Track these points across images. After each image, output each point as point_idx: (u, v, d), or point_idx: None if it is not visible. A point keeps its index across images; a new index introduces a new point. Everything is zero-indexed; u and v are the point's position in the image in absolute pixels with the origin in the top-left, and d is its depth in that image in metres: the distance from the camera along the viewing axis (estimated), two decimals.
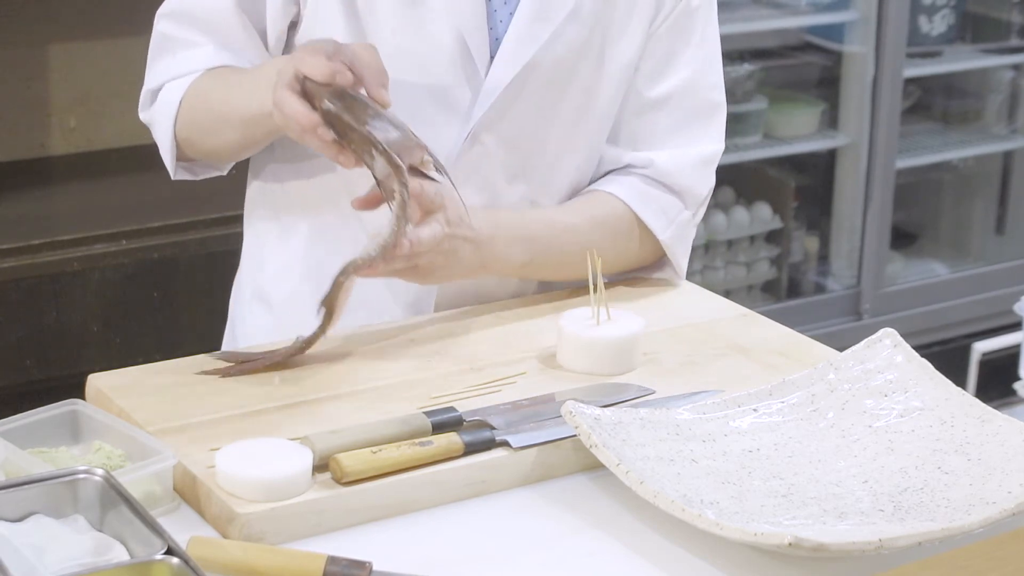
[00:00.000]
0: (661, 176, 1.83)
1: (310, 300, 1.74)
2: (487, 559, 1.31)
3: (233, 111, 1.71)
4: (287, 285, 1.82)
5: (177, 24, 1.77)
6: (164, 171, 1.82)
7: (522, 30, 1.71)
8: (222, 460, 1.34)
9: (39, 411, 1.41)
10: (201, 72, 1.75)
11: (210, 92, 1.74)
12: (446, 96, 1.72)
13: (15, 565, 1.18)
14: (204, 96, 1.74)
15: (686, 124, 1.83)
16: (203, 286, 2.85)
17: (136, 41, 3.22)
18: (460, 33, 1.69)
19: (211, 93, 1.74)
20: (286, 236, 1.82)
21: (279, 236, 1.83)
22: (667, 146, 1.82)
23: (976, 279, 4.21)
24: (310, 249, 1.80)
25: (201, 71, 1.75)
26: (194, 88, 1.75)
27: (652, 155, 1.82)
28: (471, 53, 1.70)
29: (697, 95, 1.83)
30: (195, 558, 1.20)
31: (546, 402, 1.51)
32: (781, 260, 4.06)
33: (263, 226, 1.85)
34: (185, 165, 1.82)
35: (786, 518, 1.33)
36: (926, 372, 1.53)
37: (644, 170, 1.82)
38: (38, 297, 2.71)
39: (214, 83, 1.74)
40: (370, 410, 1.50)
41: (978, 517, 1.30)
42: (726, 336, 1.73)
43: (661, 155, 1.82)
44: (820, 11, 3.98)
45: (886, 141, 3.93)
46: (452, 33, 1.69)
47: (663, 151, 1.82)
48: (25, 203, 2.91)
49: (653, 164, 1.82)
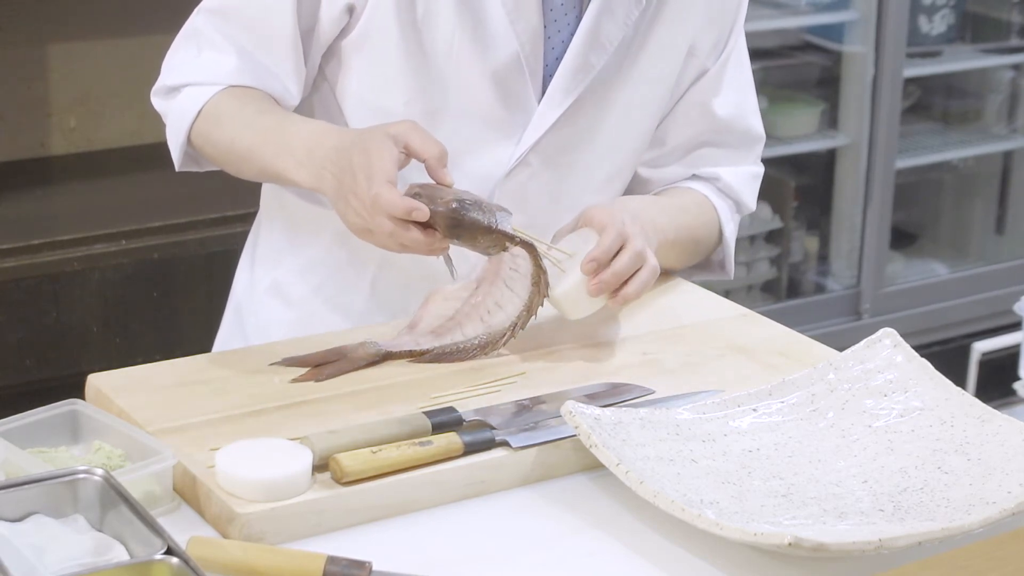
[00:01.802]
0: (726, 188, 1.90)
1: (332, 299, 1.76)
2: (487, 559, 1.31)
3: (253, 157, 1.68)
4: (308, 283, 1.83)
5: (215, 22, 1.73)
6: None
7: (578, 59, 1.73)
8: (222, 460, 1.34)
9: (39, 411, 1.41)
10: (223, 88, 1.72)
11: (231, 123, 1.71)
12: (498, 119, 1.73)
13: (15, 565, 1.18)
14: (225, 124, 1.71)
15: (736, 151, 1.90)
16: (203, 286, 2.85)
17: (136, 41, 3.24)
18: (519, 57, 1.71)
19: (232, 125, 1.70)
20: (309, 234, 1.82)
21: (301, 233, 1.83)
22: (721, 167, 1.90)
23: (976, 279, 4.21)
24: (333, 248, 1.80)
25: (223, 85, 1.72)
26: (215, 109, 1.72)
27: (717, 170, 1.90)
28: (526, 78, 1.72)
29: (744, 121, 1.90)
30: (195, 558, 1.20)
31: (546, 402, 1.51)
32: (781, 260, 4.06)
33: (283, 222, 1.85)
34: (192, 156, 1.80)
35: (786, 518, 1.33)
36: (926, 372, 1.53)
37: (715, 181, 1.90)
38: (38, 297, 2.71)
39: (237, 117, 1.70)
40: (370, 410, 1.50)
41: (978, 517, 1.30)
42: (726, 336, 1.73)
43: (724, 171, 1.90)
44: (820, 11, 3.98)
45: (886, 141, 3.93)
46: (510, 58, 1.70)
47: (722, 169, 1.90)
48: (25, 203, 2.91)
49: (719, 178, 1.89)
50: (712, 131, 1.87)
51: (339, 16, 1.70)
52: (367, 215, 1.54)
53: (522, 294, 1.63)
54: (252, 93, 1.72)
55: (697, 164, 1.89)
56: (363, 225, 1.56)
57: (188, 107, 1.73)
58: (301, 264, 1.83)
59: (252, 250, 1.91)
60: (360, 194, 1.54)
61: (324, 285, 1.81)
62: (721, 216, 1.89)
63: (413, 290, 1.76)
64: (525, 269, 1.62)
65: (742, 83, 1.89)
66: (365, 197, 1.53)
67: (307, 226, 1.82)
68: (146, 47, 3.21)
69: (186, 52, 1.76)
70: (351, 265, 1.80)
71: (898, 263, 4.24)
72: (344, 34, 1.72)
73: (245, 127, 1.69)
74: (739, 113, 1.89)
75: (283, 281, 1.84)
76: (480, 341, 1.63)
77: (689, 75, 1.84)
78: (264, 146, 1.67)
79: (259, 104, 1.71)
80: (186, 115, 1.73)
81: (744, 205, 1.92)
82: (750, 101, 1.91)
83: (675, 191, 1.89)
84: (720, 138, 1.88)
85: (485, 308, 1.65)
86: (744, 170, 1.91)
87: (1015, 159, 4.47)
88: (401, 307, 1.77)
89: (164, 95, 1.77)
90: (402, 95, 1.71)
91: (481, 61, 1.70)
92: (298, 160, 1.62)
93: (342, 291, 1.81)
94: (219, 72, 1.72)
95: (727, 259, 1.92)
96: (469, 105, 1.72)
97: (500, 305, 1.64)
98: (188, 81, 1.74)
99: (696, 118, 1.86)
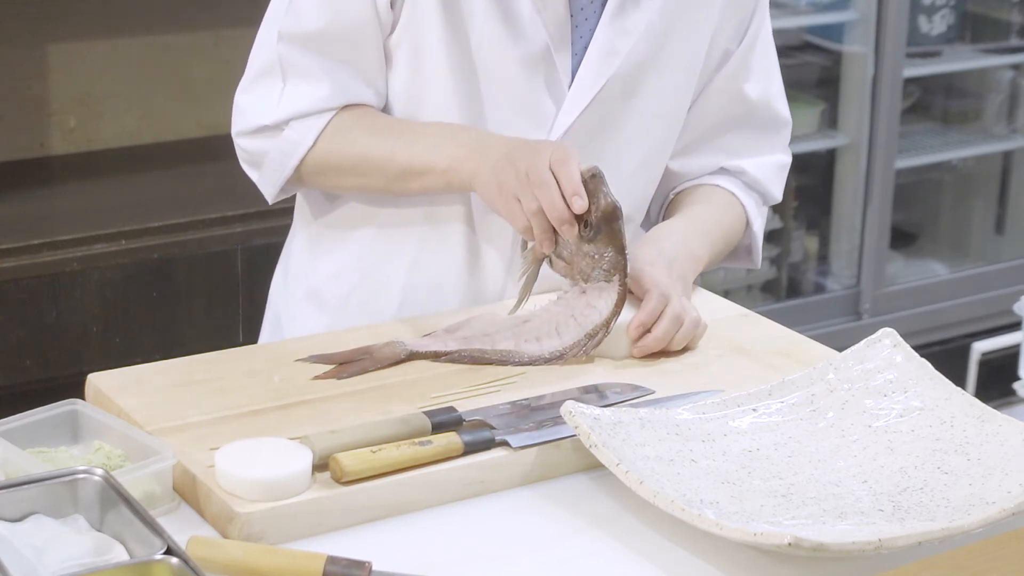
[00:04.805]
0: (752, 182, 1.92)
1: (367, 303, 1.78)
2: (487, 559, 1.31)
3: (393, 159, 1.72)
4: (343, 287, 1.84)
5: (298, 49, 1.74)
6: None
7: (605, 45, 1.75)
8: (222, 460, 1.34)
9: (39, 411, 1.41)
10: (335, 112, 1.74)
11: (365, 137, 1.74)
12: (530, 108, 1.75)
13: (15, 565, 1.18)
14: (358, 140, 1.74)
15: (763, 136, 1.92)
16: (203, 286, 2.85)
17: (136, 41, 3.25)
18: (548, 46, 1.73)
19: (366, 140, 1.74)
20: (344, 238, 1.84)
21: (336, 238, 1.84)
22: (748, 157, 1.91)
23: (976, 279, 4.21)
24: (368, 253, 1.82)
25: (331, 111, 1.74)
26: (338, 132, 1.74)
27: (741, 164, 1.90)
28: (556, 65, 1.74)
29: (770, 107, 1.91)
30: (195, 558, 1.20)
31: (546, 402, 1.51)
32: (781, 260, 4.06)
33: (318, 228, 1.86)
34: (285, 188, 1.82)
35: (786, 518, 1.33)
36: (926, 372, 1.53)
37: (740, 176, 1.91)
38: (38, 297, 2.71)
39: (368, 129, 1.74)
40: (370, 410, 1.50)
41: (978, 517, 1.30)
42: (726, 336, 1.73)
43: (750, 163, 1.91)
44: (820, 11, 3.98)
45: (886, 141, 3.93)
46: (540, 47, 1.73)
47: (748, 160, 1.91)
48: (25, 203, 2.91)
49: (745, 172, 1.91)
50: (739, 116, 1.89)
51: (386, 12, 1.72)
52: (537, 169, 1.59)
53: (579, 332, 1.63)
54: (364, 109, 1.76)
55: (724, 153, 1.90)
56: (518, 186, 1.60)
57: (301, 140, 1.75)
58: (334, 270, 1.85)
59: (287, 259, 1.93)
60: (539, 152, 1.60)
61: (358, 291, 1.83)
62: (748, 212, 1.90)
63: (445, 293, 1.79)
64: (604, 309, 1.63)
65: (768, 68, 1.90)
66: (544, 153, 1.60)
67: (342, 232, 1.84)
68: (146, 47, 3.22)
69: (270, 87, 1.76)
70: (385, 270, 1.81)
71: (898, 263, 4.24)
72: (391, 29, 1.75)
73: (385, 135, 1.74)
74: (766, 98, 1.90)
75: (319, 287, 1.86)
76: (505, 357, 1.63)
77: (713, 59, 1.85)
78: (418, 147, 1.72)
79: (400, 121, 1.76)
80: (299, 147, 1.75)
81: (770, 196, 1.94)
82: (776, 86, 1.92)
83: (702, 194, 1.89)
84: (747, 123, 1.89)
85: (534, 334, 1.65)
86: (770, 161, 1.92)
87: (1015, 159, 4.47)
88: (432, 311, 1.78)
89: (263, 135, 1.77)
90: (442, 85, 1.73)
91: (512, 50, 1.72)
92: (459, 141, 1.70)
93: (373, 296, 1.82)
94: (316, 98, 1.74)
95: (754, 247, 1.94)
96: (503, 94, 1.74)
97: (559, 332, 1.64)
98: (290, 115, 1.74)
99: (725, 103, 1.88)
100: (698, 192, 1.90)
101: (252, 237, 2.76)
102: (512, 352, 1.63)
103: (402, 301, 1.81)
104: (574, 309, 1.64)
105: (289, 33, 1.74)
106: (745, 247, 1.94)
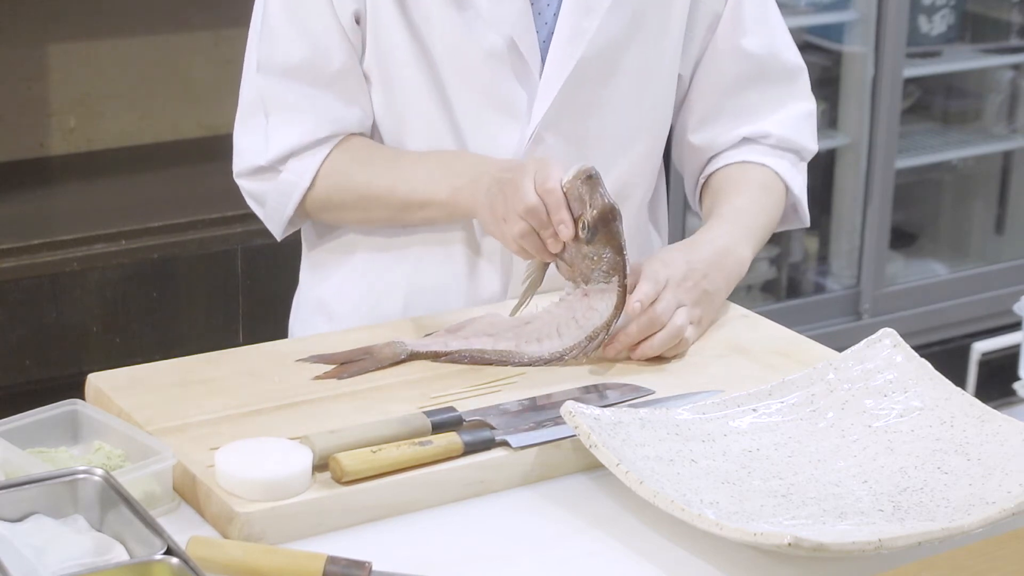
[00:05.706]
0: (779, 143, 1.88)
1: (371, 314, 1.80)
2: (487, 559, 1.31)
3: (394, 193, 1.74)
4: (349, 299, 1.85)
5: (279, 79, 1.75)
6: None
7: (570, 27, 1.73)
8: (222, 460, 1.34)
9: (39, 411, 1.41)
10: (326, 146, 1.75)
11: (360, 174, 1.75)
12: (503, 100, 1.74)
13: (15, 565, 1.18)
14: (350, 177, 1.75)
15: (778, 88, 1.88)
16: (203, 286, 2.85)
17: (136, 41, 3.25)
18: (510, 36, 1.72)
19: (361, 175, 1.75)
20: (348, 251, 1.84)
21: (341, 251, 1.85)
22: (768, 115, 1.87)
23: (976, 279, 4.20)
24: (371, 264, 1.83)
25: (321, 143, 1.75)
26: (334, 169, 1.75)
27: (763, 126, 1.87)
28: (522, 55, 1.73)
29: (777, 58, 1.87)
30: (195, 558, 1.20)
31: (546, 402, 1.51)
32: (781, 260, 4.05)
33: (325, 242, 1.87)
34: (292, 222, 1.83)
35: (786, 518, 1.33)
36: (926, 372, 1.53)
37: (766, 140, 1.88)
38: (38, 297, 2.71)
39: (364, 165, 1.75)
40: (370, 410, 1.50)
41: (978, 517, 1.30)
42: (726, 336, 1.73)
43: (770, 123, 1.87)
44: (820, 11, 3.98)
45: (886, 141, 3.93)
46: (501, 36, 1.72)
47: (769, 119, 1.87)
48: (25, 203, 2.91)
49: (770, 134, 1.87)
50: (747, 73, 1.86)
51: (353, 29, 1.72)
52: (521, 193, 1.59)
53: (579, 333, 1.63)
54: (358, 143, 1.77)
55: (743, 115, 1.87)
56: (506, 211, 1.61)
57: (298, 181, 1.77)
58: (340, 281, 1.86)
59: (303, 271, 1.94)
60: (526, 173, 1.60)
61: (363, 302, 1.83)
62: (785, 178, 1.87)
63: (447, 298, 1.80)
64: (604, 311, 1.62)
65: (767, 18, 1.87)
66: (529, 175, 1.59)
67: (346, 245, 1.84)
68: (146, 47, 3.22)
69: (258, 124, 1.78)
70: (386, 281, 1.82)
71: (898, 263, 4.24)
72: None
73: (381, 168, 1.75)
74: (770, 49, 1.86)
75: (326, 299, 1.87)
76: (505, 357, 1.63)
77: (702, 24, 1.83)
78: (416, 180, 1.72)
79: (396, 151, 1.77)
80: (297, 188, 1.77)
81: (805, 150, 1.90)
82: (780, 36, 1.88)
83: (736, 179, 1.86)
84: (758, 79, 1.86)
85: (535, 335, 1.65)
86: (792, 113, 1.88)
87: (1015, 159, 4.47)
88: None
89: (261, 177, 1.79)
90: (416, 94, 1.73)
91: (473, 46, 1.71)
92: (455, 172, 1.70)
93: (377, 307, 1.83)
94: (302, 131, 1.75)
95: (800, 207, 1.90)
96: (472, 91, 1.74)
97: (560, 334, 1.64)
98: (280, 153, 1.76)
99: (729, 64, 1.85)
100: (732, 177, 1.86)
101: (252, 237, 2.76)
102: (512, 352, 1.63)
103: (405, 305, 1.81)
104: (575, 311, 1.64)
105: (266, 64, 1.76)
106: (791, 206, 1.91)
